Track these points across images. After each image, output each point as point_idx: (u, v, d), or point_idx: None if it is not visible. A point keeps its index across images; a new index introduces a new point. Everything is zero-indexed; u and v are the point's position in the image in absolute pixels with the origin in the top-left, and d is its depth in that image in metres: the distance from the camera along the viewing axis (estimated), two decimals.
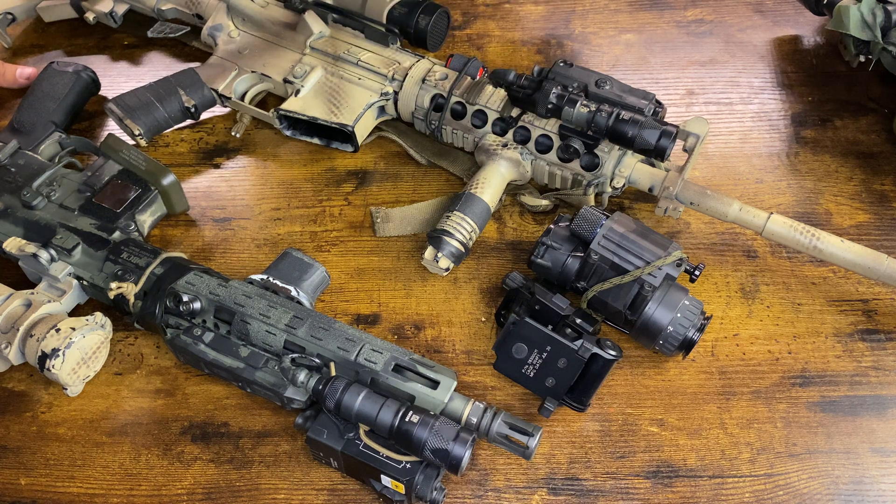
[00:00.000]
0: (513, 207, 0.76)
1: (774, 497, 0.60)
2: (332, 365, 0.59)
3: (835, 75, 0.86)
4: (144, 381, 0.67)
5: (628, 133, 0.67)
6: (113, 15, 0.89)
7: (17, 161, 0.74)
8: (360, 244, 0.75)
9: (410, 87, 0.77)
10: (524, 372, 0.62)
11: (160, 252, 0.67)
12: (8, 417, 0.66)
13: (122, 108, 0.78)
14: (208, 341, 0.62)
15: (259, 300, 0.62)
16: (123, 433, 0.64)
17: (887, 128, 0.81)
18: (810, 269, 0.71)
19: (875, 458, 0.61)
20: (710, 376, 0.66)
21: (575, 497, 0.60)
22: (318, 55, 0.81)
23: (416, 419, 0.55)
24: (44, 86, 0.81)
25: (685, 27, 0.91)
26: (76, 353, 0.63)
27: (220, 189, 0.80)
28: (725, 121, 0.83)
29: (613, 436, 0.63)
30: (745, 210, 0.69)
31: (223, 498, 0.61)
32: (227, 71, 0.82)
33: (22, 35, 0.95)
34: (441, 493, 0.58)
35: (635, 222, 0.65)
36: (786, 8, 0.92)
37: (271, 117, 0.80)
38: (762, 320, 0.69)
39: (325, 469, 0.62)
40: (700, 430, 0.63)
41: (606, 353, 0.60)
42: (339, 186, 0.79)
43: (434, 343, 0.68)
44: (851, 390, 0.65)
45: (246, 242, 0.76)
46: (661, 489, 0.60)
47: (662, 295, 0.62)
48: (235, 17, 0.85)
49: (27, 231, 0.69)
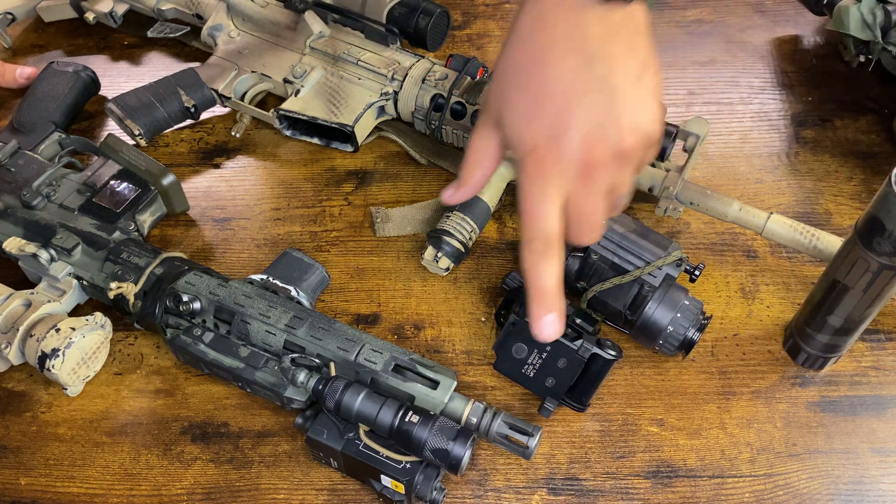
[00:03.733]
0: (513, 207, 0.76)
1: (774, 497, 0.60)
2: (331, 365, 0.59)
3: (835, 75, 0.86)
4: (144, 381, 0.67)
5: None
6: (113, 15, 0.88)
7: (17, 161, 0.74)
8: (359, 244, 0.75)
9: (410, 87, 0.77)
10: (524, 372, 0.62)
11: (160, 252, 0.67)
12: (8, 417, 0.66)
13: (122, 108, 0.78)
14: (208, 341, 0.62)
15: (259, 300, 0.62)
16: (123, 433, 0.64)
17: (887, 128, 0.81)
18: (810, 268, 0.71)
19: (875, 458, 0.61)
20: (710, 376, 0.66)
21: (575, 497, 0.60)
22: (317, 55, 0.81)
23: (416, 419, 0.55)
24: (44, 86, 0.81)
25: (685, 27, 0.91)
26: (76, 353, 0.63)
27: (219, 189, 0.80)
28: (725, 121, 0.83)
29: (613, 436, 0.63)
30: (744, 210, 0.69)
31: (223, 498, 0.61)
32: (227, 71, 0.82)
33: (22, 35, 0.95)
34: (441, 493, 0.58)
35: (635, 222, 0.65)
36: (786, 8, 0.92)
37: (271, 117, 0.80)
38: (762, 320, 0.69)
39: (325, 469, 0.62)
40: (700, 430, 0.63)
41: (606, 353, 0.60)
42: (339, 186, 0.79)
43: (434, 343, 0.68)
44: (851, 390, 0.65)
45: (246, 242, 0.76)
46: (661, 489, 0.60)
47: (662, 295, 0.62)
48: (235, 17, 0.85)
49: (27, 231, 0.69)
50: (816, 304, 0.61)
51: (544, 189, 0.50)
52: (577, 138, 0.49)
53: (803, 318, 0.63)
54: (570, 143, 0.49)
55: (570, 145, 0.49)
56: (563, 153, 0.49)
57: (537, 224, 0.50)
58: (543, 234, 0.51)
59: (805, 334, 0.63)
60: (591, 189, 0.51)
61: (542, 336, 0.52)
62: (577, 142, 0.49)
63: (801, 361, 0.65)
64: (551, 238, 0.51)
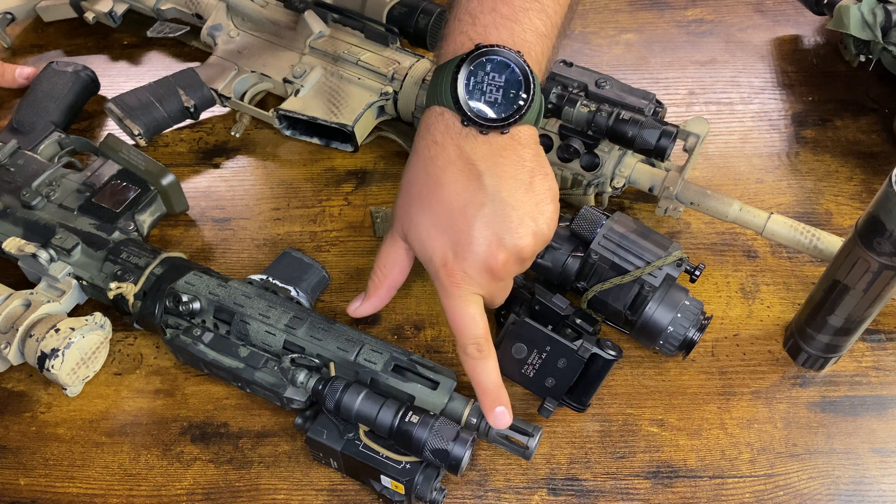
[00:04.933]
0: None
1: (775, 497, 0.60)
2: (331, 365, 0.59)
3: (835, 75, 0.86)
4: (144, 382, 0.67)
5: (628, 133, 0.67)
6: (112, 15, 0.88)
7: (17, 161, 0.74)
8: (359, 244, 0.75)
9: (410, 87, 0.77)
10: (524, 372, 0.62)
11: (160, 252, 0.67)
12: (7, 417, 0.65)
13: (121, 108, 0.78)
14: (208, 341, 0.62)
15: (258, 300, 0.62)
16: (123, 433, 0.64)
17: (887, 128, 0.81)
18: (810, 269, 0.71)
19: (875, 459, 0.61)
20: (710, 376, 0.66)
21: (575, 497, 0.60)
22: (317, 55, 0.81)
23: (416, 419, 0.55)
24: (43, 85, 0.80)
25: (685, 27, 0.91)
26: (75, 354, 0.63)
27: (219, 189, 0.80)
28: (725, 121, 0.83)
29: (613, 436, 0.63)
30: (745, 210, 0.69)
31: (223, 498, 0.61)
32: (226, 71, 0.82)
33: (21, 35, 0.94)
34: (441, 493, 0.58)
35: (635, 222, 0.65)
36: (786, 8, 0.92)
37: (271, 117, 0.80)
38: (762, 320, 0.69)
39: (324, 469, 0.62)
40: (700, 431, 0.63)
41: (606, 353, 0.60)
42: (338, 186, 0.79)
43: (434, 343, 0.68)
44: (851, 390, 0.65)
45: (245, 242, 0.75)
46: (661, 489, 0.60)
47: (662, 295, 0.62)
48: (235, 16, 0.85)
49: (26, 231, 0.69)
50: (817, 304, 0.61)
51: (463, 298, 0.56)
52: (481, 251, 0.55)
53: (804, 318, 0.63)
54: (475, 256, 0.55)
55: (476, 258, 0.55)
56: (471, 265, 0.55)
57: (467, 332, 0.56)
58: (474, 340, 0.56)
59: (805, 334, 0.63)
60: (500, 285, 0.58)
61: (497, 426, 0.57)
62: (482, 254, 0.55)
63: (802, 361, 0.65)
64: (481, 341, 0.56)
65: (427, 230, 0.56)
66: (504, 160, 0.55)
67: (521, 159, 0.56)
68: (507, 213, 0.55)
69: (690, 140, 0.69)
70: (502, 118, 0.55)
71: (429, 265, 0.57)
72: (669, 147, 0.66)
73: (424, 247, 0.57)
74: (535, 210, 0.56)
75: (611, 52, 0.89)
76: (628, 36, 0.90)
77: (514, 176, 0.55)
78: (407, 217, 0.58)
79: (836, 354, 0.64)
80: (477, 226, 0.54)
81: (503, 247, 0.55)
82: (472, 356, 0.56)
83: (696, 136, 0.68)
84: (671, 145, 0.66)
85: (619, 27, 0.91)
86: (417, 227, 0.57)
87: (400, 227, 0.59)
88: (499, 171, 0.55)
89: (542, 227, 0.56)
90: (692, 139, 0.68)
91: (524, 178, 0.56)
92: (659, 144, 0.66)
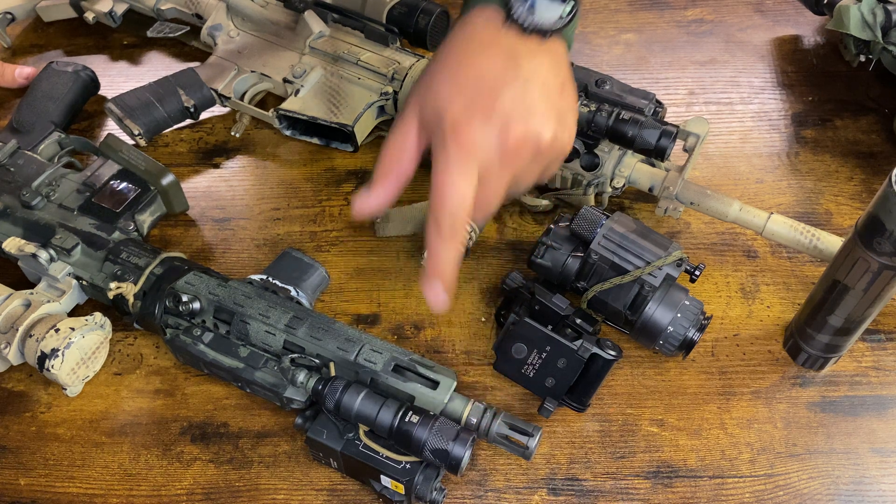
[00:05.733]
0: (513, 207, 0.76)
1: (775, 497, 0.60)
2: (331, 365, 0.59)
3: (835, 75, 0.86)
4: (144, 382, 0.67)
5: (628, 133, 0.67)
6: (112, 15, 0.88)
7: (17, 161, 0.74)
8: (359, 244, 0.75)
9: (410, 87, 0.77)
10: (524, 372, 0.62)
11: (160, 252, 0.67)
12: (7, 417, 0.65)
13: (121, 108, 0.78)
14: (208, 341, 0.62)
15: (258, 300, 0.62)
16: (123, 433, 0.64)
17: (887, 128, 0.81)
18: (810, 269, 0.71)
19: (875, 459, 0.61)
20: (710, 376, 0.66)
21: (575, 497, 0.60)
22: (317, 55, 0.81)
23: (416, 419, 0.55)
24: (43, 85, 0.80)
25: (685, 27, 0.91)
26: (75, 354, 0.63)
27: (219, 189, 0.80)
28: (725, 121, 0.83)
29: (613, 436, 0.63)
30: (745, 210, 0.69)
31: (223, 498, 0.61)
32: (226, 71, 0.82)
33: (21, 35, 0.94)
34: (441, 493, 0.58)
35: (635, 222, 0.65)
36: (786, 8, 0.92)
37: (271, 117, 0.80)
38: (762, 320, 0.69)
39: (324, 469, 0.62)
40: (700, 431, 0.63)
41: (606, 353, 0.60)
42: (338, 186, 0.79)
43: (434, 343, 0.68)
44: (851, 390, 0.65)
45: (245, 242, 0.75)
46: (661, 489, 0.60)
47: (662, 295, 0.62)
48: (235, 16, 0.85)
49: (26, 231, 0.69)
50: (817, 304, 0.61)
51: (460, 165, 0.49)
52: (500, 117, 0.50)
53: (803, 318, 0.63)
54: (492, 120, 0.50)
55: (492, 123, 0.50)
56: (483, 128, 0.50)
57: (451, 202, 0.50)
58: (452, 216, 0.50)
59: (805, 334, 0.63)
60: (501, 173, 0.51)
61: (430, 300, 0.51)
62: (499, 121, 0.50)
63: (802, 361, 0.65)
64: (459, 221, 0.50)
65: (448, 90, 0.51)
66: (541, 61, 0.53)
67: (558, 66, 0.54)
68: (537, 100, 0.51)
69: (690, 140, 0.69)
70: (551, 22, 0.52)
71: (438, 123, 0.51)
72: (669, 147, 0.66)
73: (438, 102, 0.51)
74: (562, 114, 0.53)
75: (611, 52, 0.89)
76: (628, 36, 0.90)
77: (549, 76, 0.53)
78: (426, 87, 0.53)
79: (836, 354, 0.64)
80: (504, 96, 0.51)
81: (524, 122, 0.51)
82: (443, 234, 0.50)
83: (696, 136, 0.68)
84: (671, 145, 0.66)
85: (619, 27, 0.91)
86: (437, 92, 0.52)
87: (416, 100, 0.53)
88: (536, 65, 0.52)
89: (563, 133, 0.53)
90: (692, 139, 0.68)
91: (557, 84, 0.53)
92: (659, 144, 0.66)
